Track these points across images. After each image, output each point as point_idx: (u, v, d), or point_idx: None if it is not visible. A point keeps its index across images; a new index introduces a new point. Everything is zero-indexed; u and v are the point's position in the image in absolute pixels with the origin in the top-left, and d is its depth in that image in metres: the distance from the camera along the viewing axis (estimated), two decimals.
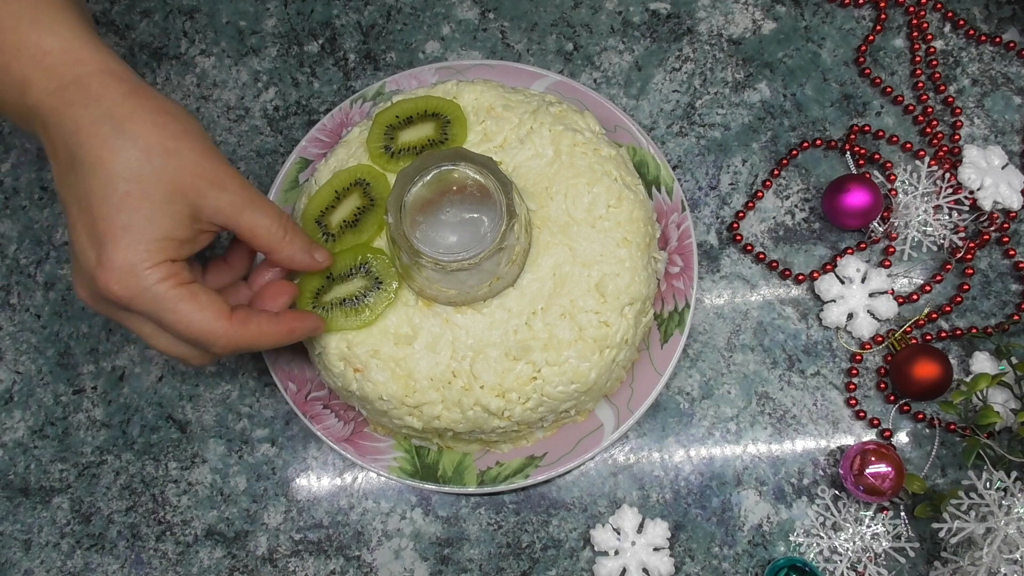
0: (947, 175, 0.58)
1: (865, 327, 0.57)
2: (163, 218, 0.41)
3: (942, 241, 0.58)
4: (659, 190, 0.57)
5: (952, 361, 0.56)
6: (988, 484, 0.49)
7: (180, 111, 0.44)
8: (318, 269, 0.49)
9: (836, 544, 0.53)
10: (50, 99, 0.41)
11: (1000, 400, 0.54)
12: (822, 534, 0.54)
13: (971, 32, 0.62)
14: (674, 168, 0.61)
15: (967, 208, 0.58)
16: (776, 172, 0.60)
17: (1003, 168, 0.58)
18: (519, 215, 0.47)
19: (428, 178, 0.46)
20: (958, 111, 0.61)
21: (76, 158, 0.41)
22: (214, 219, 0.44)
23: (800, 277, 0.58)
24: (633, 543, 0.54)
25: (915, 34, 0.62)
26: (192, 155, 0.43)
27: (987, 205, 0.57)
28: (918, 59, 0.62)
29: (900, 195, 0.58)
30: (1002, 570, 0.47)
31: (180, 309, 0.42)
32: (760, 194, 0.60)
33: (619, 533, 0.54)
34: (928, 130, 0.60)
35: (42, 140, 0.43)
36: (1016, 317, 0.57)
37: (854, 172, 0.59)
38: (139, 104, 0.42)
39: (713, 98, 0.62)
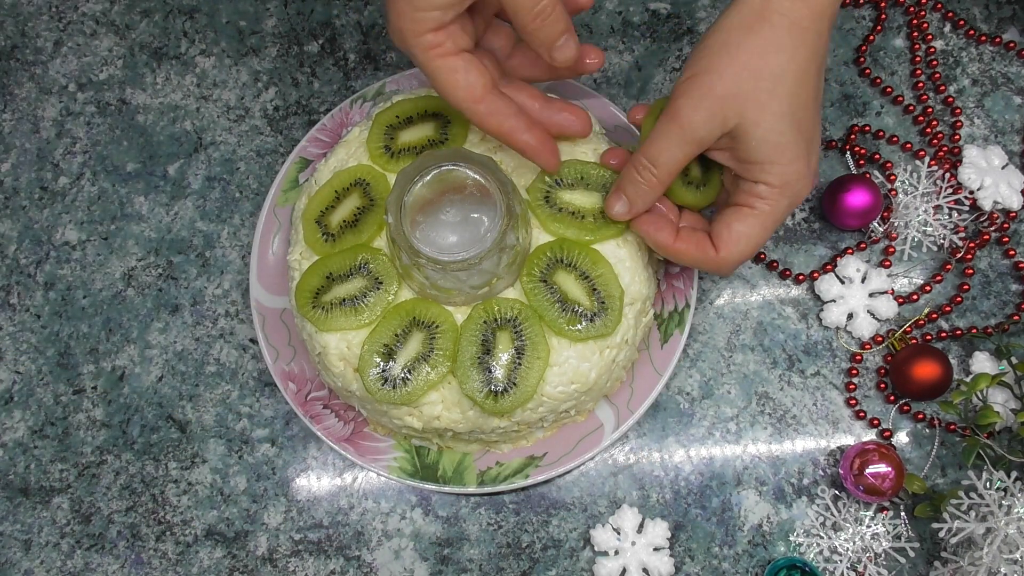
0: (947, 175, 0.58)
1: (865, 327, 0.57)
2: None
3: (942, 241, 0.58)
4: None
5: (952, 361, 0.56)
6: (988, 484, 0.49)
7: None
8: (563, 69, 0.47)
9: (836, 544, 0.53)
10: None
11: (1000, 400, 0.54)
12: (822, 534, 0.54)
13: (971, 32, 0.62)
14: None
15: (967, 208, 0.58)
16: None
17: (1003, 168, 0.58)
18: (519, 215, 0.47)
19: (428, 178, 0.46)
20: (958, 111, 0.61)
21: None
22: None
23: (800, 277, 0.58)
24: (633, 543, 0.54)
25: (915, 34, 0.62)
26: None
27: (987, 205, 0.57)
28: (918, 59, 0.62)
29: (900, 195, 0.58)
30: (1002, 570, 0.47)
31: (439, 80, 0.44)
32: None
33: (619, 533, 0.54)
34: (928, 130, 0.60)
35: None
36: (1016, 317, 0.57)
37: (854, 172, 0.59)
38: None
39: None
